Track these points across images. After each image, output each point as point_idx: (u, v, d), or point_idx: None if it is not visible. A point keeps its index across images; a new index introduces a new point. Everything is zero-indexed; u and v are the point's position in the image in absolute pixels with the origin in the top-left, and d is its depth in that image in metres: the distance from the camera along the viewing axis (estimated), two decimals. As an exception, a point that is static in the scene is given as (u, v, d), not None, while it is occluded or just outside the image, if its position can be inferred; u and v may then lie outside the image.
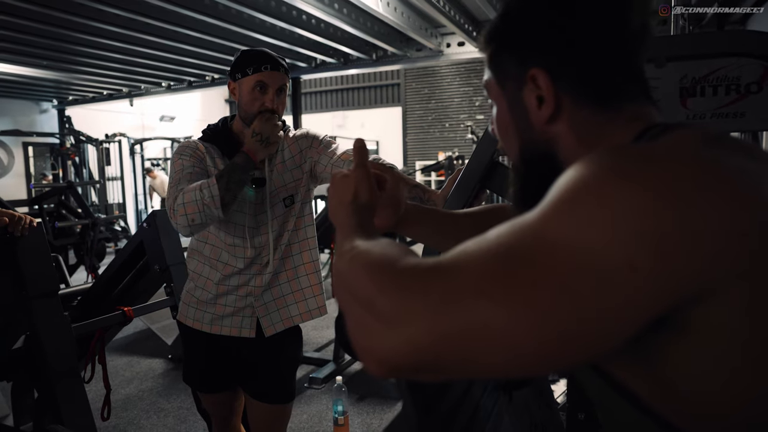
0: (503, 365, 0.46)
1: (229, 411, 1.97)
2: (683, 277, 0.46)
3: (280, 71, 1.67)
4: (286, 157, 1.78)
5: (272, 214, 1.75)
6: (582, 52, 0.62)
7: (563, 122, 0.64)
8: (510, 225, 0.50)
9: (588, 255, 0.45)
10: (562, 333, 0.45)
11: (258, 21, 5.64)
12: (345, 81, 14.07)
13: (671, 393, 0.54)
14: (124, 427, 3.15)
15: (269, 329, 1.80)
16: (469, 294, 0.46)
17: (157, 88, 9.33)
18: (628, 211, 0.46)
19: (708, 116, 1.45)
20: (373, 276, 0.51)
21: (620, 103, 0.63)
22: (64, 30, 5.56)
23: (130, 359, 4.27)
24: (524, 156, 0.69)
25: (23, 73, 7.66)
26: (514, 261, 0.47)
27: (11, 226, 1.81)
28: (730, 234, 0.47)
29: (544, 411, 0.96)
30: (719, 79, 1.43)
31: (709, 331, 0.49)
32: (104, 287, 2.48)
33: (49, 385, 1.87)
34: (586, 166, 0.51)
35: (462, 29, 5.82)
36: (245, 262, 1.75)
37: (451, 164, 8.67)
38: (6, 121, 10.50)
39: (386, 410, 3.24)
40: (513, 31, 0.67)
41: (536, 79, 0.63)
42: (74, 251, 6.51)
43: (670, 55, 1.46)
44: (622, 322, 0.46)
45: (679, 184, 0.48)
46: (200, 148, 1.72)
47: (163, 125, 12.92)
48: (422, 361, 0.47)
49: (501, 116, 0.71)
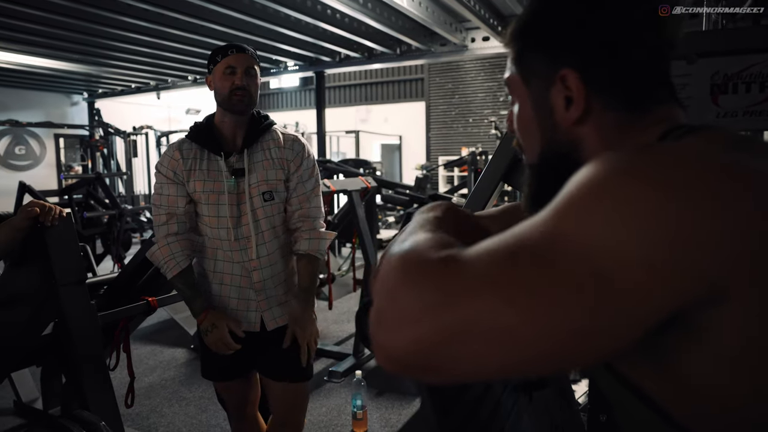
0: (512, 364, 0.46)
1: (244, 399, 2.02)
2: (697, 277, 0.46)
3: (246, 53, 1.79)
4: (274, 156, 1.86)
5: (251, 205, 1.81)
6: (615, 54, 0.61)
7: (590, 124, 0.63)
8: (525, 223, 0.50)
9: (601, 253, 0.45)
10: (572, 331, 0.44)
11: (283, 15, 5.67)
12: (369, 75, 14.06)
13: (687, 396, 0.53)
14: (146, 415, 3.20)
15: (271, 323, 1.87)
16: (477, 291, 0.46)
17: (184, 81, 9.45)
18: (642, 211, 0.46)
19: (740, 114, 1.41)
20: (399, 270, 0.51)
21: (648, 106, 0.62)
22: (95, 25, 5.67)
23: (153, 348, 4.34)
24: (545, 155, 0.68)
25: (56, 66, 7.84)
26: (525, 258, 0.46)
27: (42, 216, 1.85)
28: (745, 237, 0.46)
29: (565, 411, 0.95)
30: (752, 75, 1.39)
31: (722, 333, 0.49)
32: (129, 277, 2.52)
33: (76, 371, 1.91)
34: (601, 164, 0.50)
35: (487, 24, 5.77)
36: (233, 255, 1.82)
37: (474, 160, 8.62)
38: (39, 113, 10.75)
39: (405, 406, 3.25)
40: (543, 29, 0.65)
41: (566, 79, 0.62)
42: (101, 241, 6.62)
43: (701, 52, 1.42)
44: (632, 321, 0.46)
45: (696, 185, 0.47)
46: (176, 156, 1.81)
47: (189, 118, 13.09)
48: (429, 360, 0.47)
49: (523, 114, 0.69)
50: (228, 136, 1.84)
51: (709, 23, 2.19)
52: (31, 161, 10.91)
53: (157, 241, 1.82)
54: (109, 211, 6.40)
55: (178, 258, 1.80)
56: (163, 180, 1.82)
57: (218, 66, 1.78)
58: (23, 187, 5.62)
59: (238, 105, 1.77)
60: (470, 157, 8.71)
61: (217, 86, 1.79)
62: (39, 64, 7.70)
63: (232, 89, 1.75)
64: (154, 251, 1.82)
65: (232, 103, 1.76)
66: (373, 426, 3.03)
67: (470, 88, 12.97)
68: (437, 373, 0.48)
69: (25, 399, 3.22)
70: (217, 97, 1.81)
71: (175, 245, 1.80)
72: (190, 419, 3.15)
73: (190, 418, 3.16)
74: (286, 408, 1.95)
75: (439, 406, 0.66)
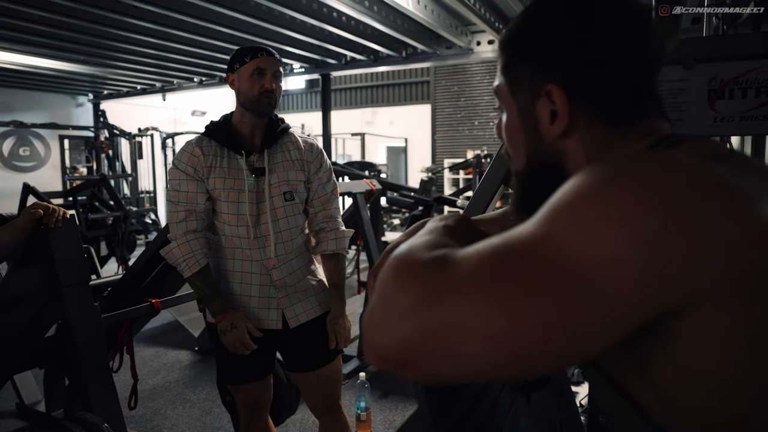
0: (493, 364, 0.46)
1: (258, 403, 2.01)
2: (673, 284, 0.46)
3: (274, 57, 1.81)
4: (294, 157, 1.89)
5: (271, 204, 1.83)
6: (601, 71, 0.61)
7: (575, 138, 0.63)
8: (517, 227, 0.51)
9: (589, 256, 0.46)
10: (549, 333, 0.45)
11: (288, 18, 5.68)
12: (374, 78, 14.06)
13: (670, 403, 0.54)
14: (150, 417, 3.21)
15: (293, 320, 1.88)
16: (463, 290, 0.46)
17: (189, 83, 9.47)
18: (631, 217, 0.46)
19: (737, 119, 1.42)
20: (391, 269, 0.52)
21: (634, 120, 0.63)
22: (101, 26, 5.69)
23: (157, 350, 4.35)
24: (531, 165, 0.68)
25: (61, 67, 7.87)
26: (514, 260, 0.47)
27: (45, 218, 1.86)
28: (722, 247, 0.46)
29: (564, 412, 0.95)
30: (749, 81, 1.41)
31: (697, 342, 0.49)
32: (134, 279, 2.53)
33: (79, 373, 1.91)
34: (593, 172, 0.51)
35: (492, 27, 5.77)
36: (252, 254, 1.83)
37: (479, 162, 8.62)
38: (44, 114, 10.78)
39: (409, 408, 3.24)
40: (532, 42, 0.65)
41: (551, 94, 0.63)
42: (106, 243, 6.65)
43: (698, 57, 1.43)
44: (608, 324, 0.46)
45: (677, 192, 0.48)
46: (196, 152, 1.82)
47: (194, 120, 13.11)
48: (413, 357, 0.48)
49: (510, 123, 0.70)
50: (246, 136, 1.86)
51: (710, 28, 2.19)
52: (35, 162, 10.94)
53: (174, 238, 1.81)
54: (114, 212, 6.42)
55: (197, 256, 1.80)
56: (182, 176, 1.82)
57: (246, 67, 1.78)
58: (27, 189, 5.65)
59: (265, 107, 1.80)
60: (475, 159, 8.71)
61: (243, 87, 1.80)
62: (44, 65, 7.72)
63: (261, 92, 1.77)
64: (171, 248, 1.81)
65: (260, 104, 1.79)
66: (377, 428, 3.03)
67: (476, 91, 12.96)
68: (423, 371, 0.49)
69: (27, 401, 3.22)
70: (241, 97, 1.82)
71: (194, 242, 1.80)
72: (194, 422, 3.15)
73: (194, 421, 3.16)
74: (328, 390, 1.98)
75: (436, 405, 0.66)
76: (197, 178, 1.81)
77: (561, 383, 0.96)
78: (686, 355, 0.50)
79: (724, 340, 0.49)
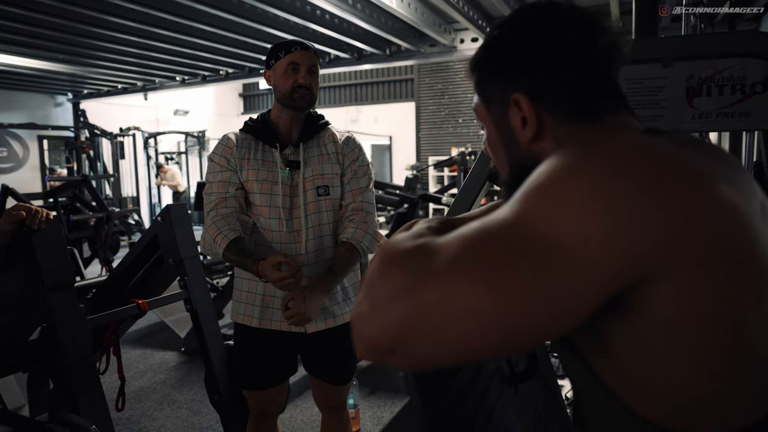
0: (478, 342, 0.49)
1: (269, 409, 2.00)
2: (638, 256, 0.50)
3: (309, 50, 1.78)
4: (329, 151, 1.86)
5: (305, 198, 1.81)
6: (558, 74, 0.67)
7: (547, 139, 0.69)
8: (494, 212, 0.55)
9: (552, 231, 0.50)
10: (529, 304, 0.48)
11: (272, 16, 5.66)
12: (358, 76, 14.06)
13: (629, 377, 0.59)
14: (137, 419, 3.19)
15: (311, 326, 1.83)
16: (447, 272, 0.49)
17: (172, 82, 9.39)
18: (591, 194, 0.51)
19: (713, 115, 1.47)
20: (376, 262, 0.55)
21: (599, 116, 0.68)
22: (80, 24, 5.62)
23: (143, 351, 4.32)
24: (514, 171, 0.74)
25: (39, 66, 7.74)
26: (493, 241, 0.51)
27: (28, 219, 1.84)
28: (682, 222, 0.51)
29: (549, 402, 0.97)
30: (725, 79, 1.45)
31: (659, 316, 0.54)
32: (119, 280, 2.51)
33: (65, 376, 1.90)
34: (557, 157, 0.56)
35: (476, 25, 5.80)
36: (282, 248, 1.80)
37: (464, 160, 8.65)
38: (21, 114, 10.62)
39: (397, 404, 3.26)
40: (496, 60, 0.72)
41: (519, 102, 0.69)
42: (89, 244, 6.57)
43: (677, 55, 1.47)
44: (580, 294, 0.50)
45: (641, 171, 0.52)
46: (230, 144, 1.82)
47: (177, 119, 12.99)
48: (398, 344, 0.50)
49: (490, 137, 0.77)
50: (283, 131, 1.84)
51: (688, 27, 2.23)
52: (13, 164, 10.76)
53: (206, 226, 1.80)
54: (96, 214, 6.34)
55: (225, 232, 1.73)
56: (216, 168, 1.82)
57: (280, 62, 1.76)
58: (6, 190, 5.57)
59: (300, 102, 1.77)
60: (460, 157, 8.74)
61: (278, 82, 1.78)
62: (21, 64, 7.59)
63: (294, 87, 1.75)
64: (202, 236, 1.80)
65: (294, 99, 1.76)
66: (365, 425, 3.05)
67: (460, 88, 13.00)
68: (411, 357, 0.51)
69: (10, 406, 3.18)
70: (277, 93, 1.80)
71: (220, 222, 1.76)
72: (182, 422, 3.14)
73: (181, 422, 3.15)
74: (336, 397, 1.98)
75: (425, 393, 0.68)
76: (230, 169, 1.81)
77: (546, 376, 0.99)
78: (648, 334, 0.55)
79: (685, 314, 0.53)
